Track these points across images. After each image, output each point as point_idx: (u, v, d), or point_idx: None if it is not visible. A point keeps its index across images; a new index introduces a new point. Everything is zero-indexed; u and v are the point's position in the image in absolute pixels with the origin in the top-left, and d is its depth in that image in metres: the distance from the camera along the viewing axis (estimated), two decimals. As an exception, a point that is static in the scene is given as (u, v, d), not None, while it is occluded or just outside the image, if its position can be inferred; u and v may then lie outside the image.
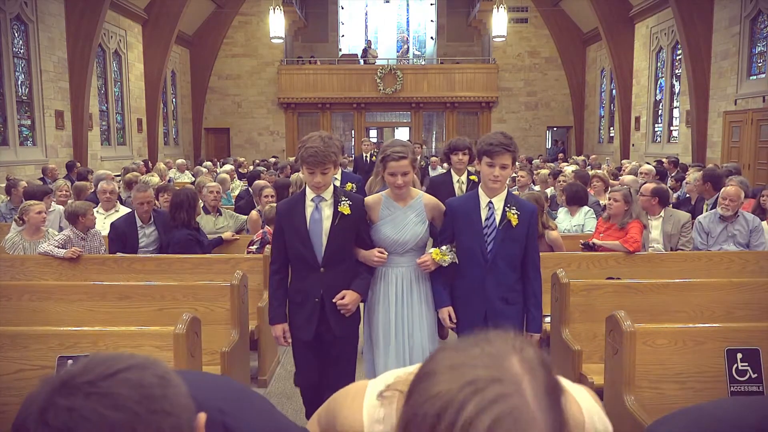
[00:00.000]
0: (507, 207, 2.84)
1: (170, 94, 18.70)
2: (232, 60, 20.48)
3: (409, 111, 20.74)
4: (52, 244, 4.51)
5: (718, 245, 4.88)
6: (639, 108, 16.41)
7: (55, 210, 6.01)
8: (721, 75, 12.20)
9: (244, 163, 13.94)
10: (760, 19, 11.22)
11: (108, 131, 15.00)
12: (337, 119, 21.21)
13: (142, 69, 16.36)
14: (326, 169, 2.75)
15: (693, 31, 12.46)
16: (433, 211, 3.01)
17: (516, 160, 2.85)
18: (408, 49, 22.57)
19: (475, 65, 20.54)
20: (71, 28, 12.39)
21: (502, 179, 2.79)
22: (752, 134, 11.17)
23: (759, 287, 3.68)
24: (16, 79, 11.05)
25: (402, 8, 22.46)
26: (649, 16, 15.45)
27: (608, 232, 4.61)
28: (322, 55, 21.15)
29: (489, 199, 2.86)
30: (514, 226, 2.83)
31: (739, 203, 4.93)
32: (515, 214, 2.82)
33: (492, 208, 2.86)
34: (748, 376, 2.70)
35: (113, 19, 14.36)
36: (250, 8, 20.23)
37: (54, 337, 2.78)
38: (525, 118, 20.98)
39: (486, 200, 2.86)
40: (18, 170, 10.46)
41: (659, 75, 15.48)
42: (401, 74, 19.84)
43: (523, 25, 20.67)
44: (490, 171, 2.76)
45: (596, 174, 7.02)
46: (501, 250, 2.84)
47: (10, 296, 3.75)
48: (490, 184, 2.81)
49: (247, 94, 20.67)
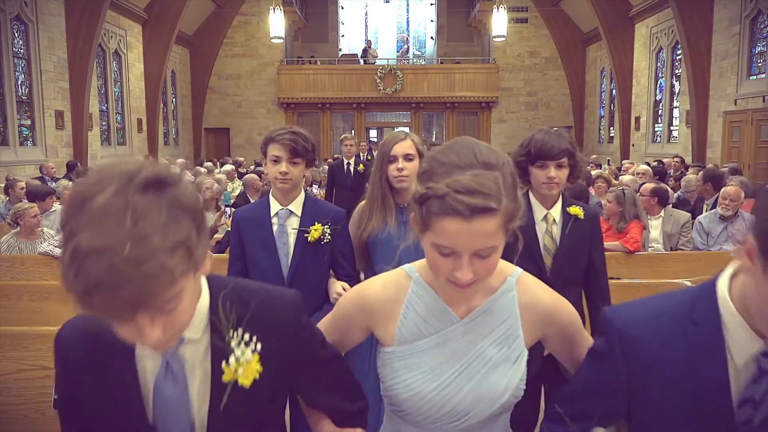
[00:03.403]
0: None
1: (170, 94, 18.70)
2: (232, 60, 20.48)
3: (409, 111, 20.74)
4: (52, 244, 4.50)
5: (718, 245, 4.88)
6: (639, 108, 16.40)
7: (56, 210, 6.01)
8: (721, 75, 12.20)
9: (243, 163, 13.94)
10: (760, 19, 11.22)
11: (108, 131, 15.00)
12: (337, 119, 21.20)
13: (142, 69, 16.36)
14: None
15: (693, 31, 12.46)
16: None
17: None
18: (408, 49, 22.57)
19: (475, 65, 20.54)
20: (71, 28, 12.38)
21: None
22: (752, 134, 11.17)
23: (759, 287, 3.67)
24: (16, 79, 11.05)
25: (402, 8, 22.46)
26: (649, 16, 15.44)
27: (609, 232, 4.62)
28: (322, 55, 21.15)
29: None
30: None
31: (739, 203, 4.93)
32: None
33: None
34: (748, 376, 2.70)
35: (113, 19, 14.36)
36: (250, 8, 20.23)
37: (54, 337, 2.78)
38: (525, 118, 20.97)
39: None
40: (18, 170, 10.46)
41: (659, 75, 15.48)
42: (401, 74, 19.84)
43: (523, 25, 20.67)
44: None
45: (600, 174, 7.03)
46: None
47: (10, 296, 3.75)
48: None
49: (247, 94, 20.67)
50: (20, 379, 2.70)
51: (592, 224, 2.36)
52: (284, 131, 2.31)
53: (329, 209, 2.45)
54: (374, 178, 2.45)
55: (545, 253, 2.30)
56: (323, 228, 2.35)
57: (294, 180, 2.31)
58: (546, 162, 2.22)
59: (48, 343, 2.76)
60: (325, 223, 2.36)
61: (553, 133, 2.27)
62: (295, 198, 2.39)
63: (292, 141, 2.27)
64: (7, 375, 2.70)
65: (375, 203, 2.43)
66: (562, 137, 2.25)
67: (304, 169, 2.34)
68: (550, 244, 2.30)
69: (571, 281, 2.31)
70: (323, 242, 2.35)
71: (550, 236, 2.30)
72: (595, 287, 2.40)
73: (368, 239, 2.44)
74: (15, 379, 2.69)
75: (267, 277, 2.29)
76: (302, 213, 2.37)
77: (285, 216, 2.37)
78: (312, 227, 2.34)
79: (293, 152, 2.28)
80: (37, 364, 2.72)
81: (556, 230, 2.30)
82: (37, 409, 2.67)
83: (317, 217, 2.37)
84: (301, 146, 2.28)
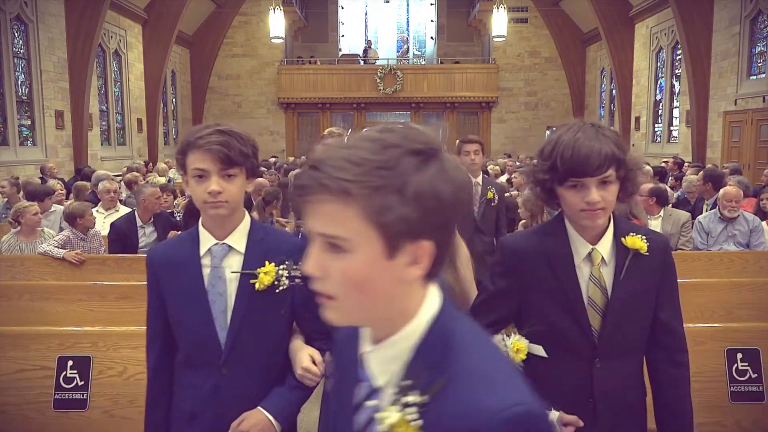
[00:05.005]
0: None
1: (170, 94, 18.69)
2: (232, 60, 20.49)
3: (409, 111, 20.73)
4: (51, 244, 4.50)
5: (718, 245, 4.88)
6: (639, 108, 16.41)
7: (55, 211, 6.01)
8: (721, 75, 12.20)
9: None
10: (760, 19, 11.22)
11: (108, 131, 15.00)
12: (337, 119, 21.20)
13: (142, 69, 16.35)
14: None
15: (693, 31, 12.46)
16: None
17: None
18: (408, 49, 22.57)
19: (475, 65, 20.55)
20: (71, 28, 12.38)
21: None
22: (752, 134, 11.17)
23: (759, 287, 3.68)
24: (16, 79, 11.05)
25: (402, 8, 22.46)
26: (649, 16, 15.44)
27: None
28: (322, 55, 21.15)
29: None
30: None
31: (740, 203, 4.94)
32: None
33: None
34: (748, 376, 2.71)
35: (113, 19, 14.35)
36: (250, 8, 20.23)
37: (54, 337, 2.78)
38: (525, 118, 20.97)
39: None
40: (18, 170, 10.46)
41: (659, 75, 15.48)
42: (401, 74, 19.84)
43: (523, 25, 20.67)
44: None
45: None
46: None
47: (10, 296, 3.75)
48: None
49: (247, 94, 20.67)
50: (20, 379, 2.70)
51: (661, 259, 1.60)
52: (209, 131, 1.57)
53: (285, 240, 1.74)
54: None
55: (591, 309, 1.58)
56: (278, 269, 1.64)
57: (232, 201, 1.59)
58: (582, 180, 1.47)
59: (48, 343, 2.76)
60: (280, 262, 1.64)
61: (588, 129, 1.50)
62: (235, 227, 1.67)
63: (222, 145, 1.55)
64: (7, 375, 2.70)
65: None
66: (603, 136, 1.48)
67: (245, 183, 1.64)
68: (598, 296, 1.58)
69: (629, 348, 1.62)
70: (279, 290, 1.64)
71: (598, 284, 1.58)
72: (665, 353, 1.63)
73: None
74: (15, 379, 2.69)
75: (197, 346, 1.65)
76: (246, 248, 1.66)
77: (221, 254, 1.65)
78: (261, 269, 1.63)
79: (226, 161, 1.55)
80: (37, 364, 2.72)
81: (607, 274, 1.59)
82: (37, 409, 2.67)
83: (269, 253, 1.66)
84: (236, 150, 1.56)
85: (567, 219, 1.61)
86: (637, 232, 1.59)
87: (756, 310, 3.60)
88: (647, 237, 1.59)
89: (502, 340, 1.62)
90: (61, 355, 2.73)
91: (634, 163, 1.53)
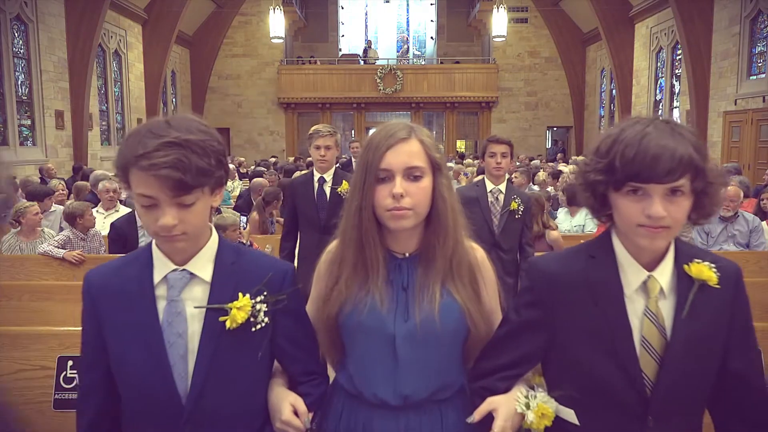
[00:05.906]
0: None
1: (170, 94, 18.70)
2: (232, 60, 20.49)
3: (409, 111, 20.73)
4: (51, 244, 4.50)
5: (718, 245, 4.88)
6: (639, 108, 16.40)
7: (55, 211, 6.01)
8: (721, 75, 12.21)
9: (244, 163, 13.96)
10: (760, 19, 11.22)
11: (108, 131, 15.00)
12: (338, 119, 21.21)
13: (142, 69, 16.36)
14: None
15: (693, 31, 12.47)
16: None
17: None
18: (408, 49, 22.58)
19: (475, 65, 20.55)
20: (71, 28, 12.39)
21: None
22: (752, 134, 11.18)
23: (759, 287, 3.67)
24: (16, 79, 11.06)
25: (402, 8, 22.47)
26: (649, 16, 15.45)
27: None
28: (322, 55, 21.16)
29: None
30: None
31: (738, 203, 4.94)
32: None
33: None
34: (748, 376, 2.69)
35: (113, 19, 14.36)
36: (250, 8, 20.24)
37: (54, 337, 2.78)
38: (525, 118, 20.98)
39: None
40: (18, 170, 10.46)
41: (659, 75, 15.48)
42: (401, 74, 19.85)
43: (523, 25, 20.68)
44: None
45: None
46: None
47: (10, 296, 3.75)
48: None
49: (247, 94, 20.68)
50: (20, 379, 2.69)
51: (733, 293, 1.27)
52: (155, 145, 1.14)
53: (263, 265, 1.34)
54: (350, 205, 1.35)
55: (644, 352, 1.21)
56: (254, 302, 1.28)
57: (192, 231, 1.22)
58: (645, 186, 1.14)
59: (48, 343, 2.76)
60: (257, 293, 1.29)
61: (661, 124, 1.16)
62: (198, 249, 1.28)
63: (173, 167, 1.14)
64: (7, 375, 2.70)
65: (349, 250, 1.35)
66: (680, 135, 1.14)
67: (211, 199, 1.25)
68: (655, 337, 1.21)
69: (691, 405, 1.25)
70: (255, 329, 1.28)
71: (655, 321, 1.22)
72: (738, 414, 1.28)
73: (338, 316, 1.35)
74: (15, 379, 2.69)
75: (149, 401, 1.26)
76: (213, 276, 1.29)
77: (181, 284, 1.27)
78: (233, 303, 1.26)
79: (180, 188, 1.15)
80: (37, 364, 2.72)
81: (666, 309, 1.22)
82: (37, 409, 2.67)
83: (242, 281, 1.29)
84: (193, 171, 1.16)
85: (616, 237, 1.26)
86: (703, 259, 1.24)
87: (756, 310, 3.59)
88: (717, 265, 1.24)
89: (525, 398, 1.28)
90: (61, 355, 2.73)
91: (716, 176, 1.16)
